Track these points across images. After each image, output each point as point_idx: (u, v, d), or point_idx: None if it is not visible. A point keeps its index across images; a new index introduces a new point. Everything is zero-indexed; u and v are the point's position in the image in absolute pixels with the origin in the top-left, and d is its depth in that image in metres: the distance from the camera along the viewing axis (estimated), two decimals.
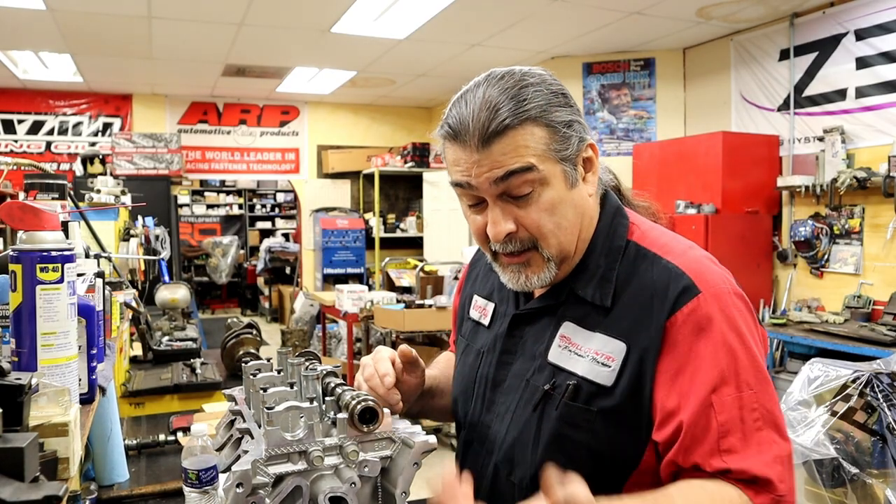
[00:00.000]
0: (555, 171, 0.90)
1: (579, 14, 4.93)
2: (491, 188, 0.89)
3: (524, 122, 0.87)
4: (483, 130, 0.86)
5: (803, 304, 4.68)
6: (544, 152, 0.88)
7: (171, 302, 3.42)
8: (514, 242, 0.92)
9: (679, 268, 0.89)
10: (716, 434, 0.83)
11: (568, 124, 0.90)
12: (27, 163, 2.15)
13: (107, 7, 4.79)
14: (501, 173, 0.87)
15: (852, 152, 4.45)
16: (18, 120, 7.69)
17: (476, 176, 0.88)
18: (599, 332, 0.91)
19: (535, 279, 0.94)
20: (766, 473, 0.81)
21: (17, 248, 0.87)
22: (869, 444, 2.15)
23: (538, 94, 0.88)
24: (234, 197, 11.52)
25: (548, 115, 0.88)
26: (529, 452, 0.93)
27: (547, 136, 0.88)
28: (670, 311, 0.86)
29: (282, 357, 1.00)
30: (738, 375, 0.84)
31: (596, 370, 0.89)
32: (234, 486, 0.77)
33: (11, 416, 0.70)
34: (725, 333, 0.85)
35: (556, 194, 0.90)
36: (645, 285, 0.90)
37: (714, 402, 0.83)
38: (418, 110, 9.21)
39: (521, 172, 0.87)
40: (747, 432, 0.83)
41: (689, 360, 0.85)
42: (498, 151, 0.87)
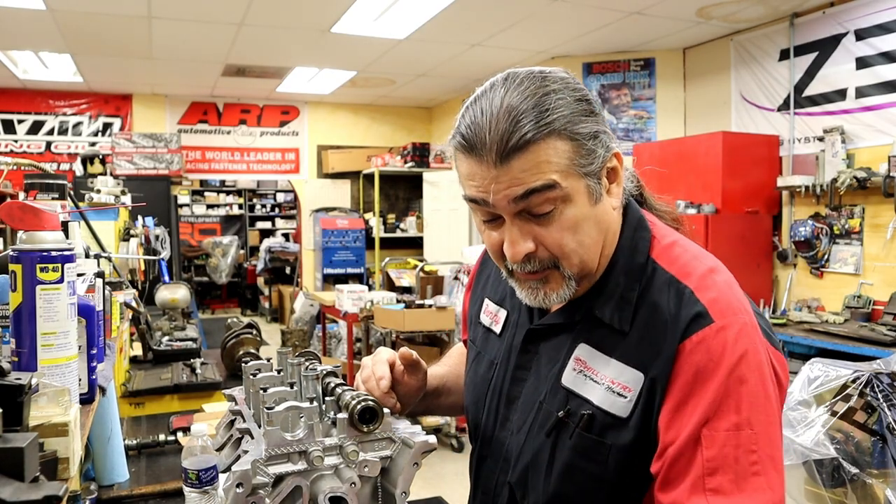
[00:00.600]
0: (578, 187, 0.83)
1: (579, 14, 4.93)
2: (509, 206, 0.83)
3: (547, 135, 0.80)
4: (502, 145, 0.79)
5: (803, 304, 4.68)
6: (567, 168, 0.82)
7: (171, 302, 3.42)
8: (532, 262, 0.86)
9: (694, 294, 0.84)
10: (700, 470, 0.77)
11: (593, 136, 0.84)
12: (27, 163, 2.15)
13: (107, 7, 4.79)
14: (521, 191, 0.80)
15: (852, 152, 4.45)
16: (18, 120, 7.70)
17: (493, 193, 0.82)
18: (615, 359, 0.86)
19: (554, 296, 0.89)
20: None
21: (17, 248, 0.87)
22: (869, 444, 2.15)
23: (562, 103, 0.81)
24: (234, 197, 11.52)
25: (572, 126, 0.81)
26: (542, 480, 0.90)
27: (571, 150, 0.82)
28: (680, 338, 0.81)
29: (282, 357, 1.00)
30: (738, 412, 0.78)
31: (611, 400, 0.85)
32: (234, 486, 0.77)
33: (11, 416, 0.70)
34: (733, 368, 0.79)
35: (580, 212, 0.84)
36: (660, 311, 0.85)
37: (703, 437, 0.78)
38: (418, 110, 9.21)
39: (542, 191, 0.81)
40: (741, 475, 0.76)
41: (691, 393, 0.80)
42: (518, 168, 0.80)
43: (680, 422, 0.80)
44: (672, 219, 1.02)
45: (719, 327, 0.80)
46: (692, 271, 0.87)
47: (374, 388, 0.97)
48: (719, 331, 0.80)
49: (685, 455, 0.78)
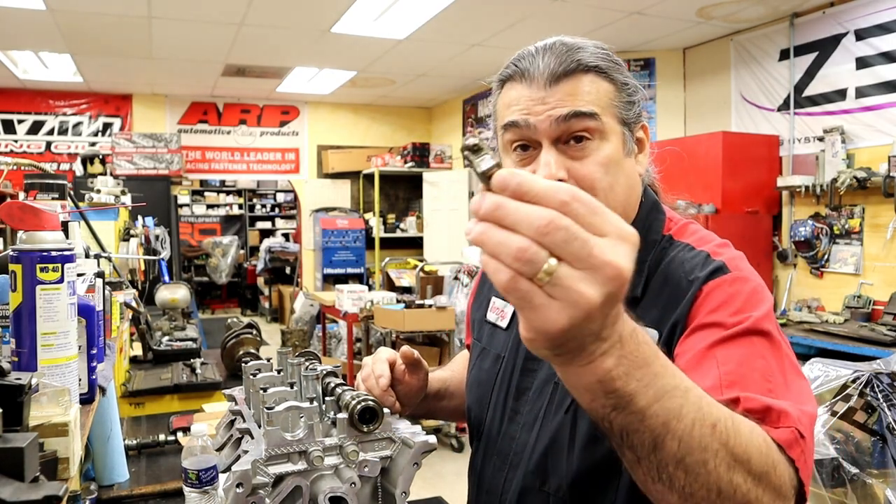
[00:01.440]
0: (615, 128, 0.86)
1: (579, 14, 4.93)
2: (550, 128, 0.84)
3: (593, 69, 0.85)
4: (554, 67, 0.84)
5: (803, 304, 4.68)
6: (608, 105, 0.86)
7: (171, 302, 3.42)
8: None
9: (712, 255, 0.85)
10: (717, 382, 0.71)
11: (632, 90, 0.89)
12: (27, 163, 2.15)
13: (107, 7, 4.79)
14: (566, 111, 0.83)
15: (852, 152, 4.45)
16: (18, 120, 7.70)
17: (537, 114, 0.84)
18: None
19: None
20: (783, 407, 0.67)
21: (17, 248, 0.87)
22: (869, 444, 2.15)
23: (604, 54, 0.88)
24: (234, 197, 11.51)
25: (616, 74, 0.87)
26: (565, 458, 0.87)
27: (612, 91, 0.87)
28: (701, 283, 0.82)
29: (282, 357, 1.00)
30: (755, 330, 0.75)
31: None
32: (234, 486, 0.77)
33: (11, 416, 0.70)
34: (749, 303, 0.78)
35: (614, 153, 0.86)
36: (674, 270, 0.86)
37: (718, 353, 0.74)
38: (418, 110, 9.21)
39: (584, 117, 0.83)
40: (761, 382, 0.71)
41: (710, 320, 0.78)
42: (564, 91, 0.84)
43: (696, 342, 0.77)
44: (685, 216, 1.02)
45: (736, 276, 0.82)
46: (708, 242, 0.89)
47: (373, 387, 0.96)
48: (737, 279, 0.82)
49: (700, 367, 0.74)
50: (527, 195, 0.47)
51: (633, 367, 0.53)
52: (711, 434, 0.56)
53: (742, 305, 0.78)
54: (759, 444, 0.60)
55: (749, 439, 0.59)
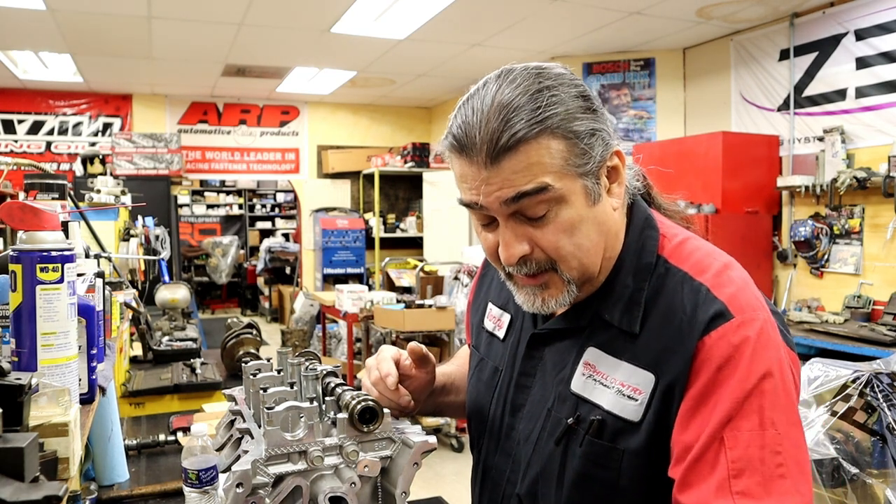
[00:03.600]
0: (574, 187, 0.80)
1: (579, 14, 4.93)
2: (501, 208, 0.79)
3: (539, 134, 0.76)
4: (492, 145, 0.76)
5: (803, 304, 4.68)
6: (562, 168, 0.78)
7: (171, 302, 3.42)
8: (529, 265, 0.83)
9: (711, 290, 0.80)
10: (725, 471, 0.73)
11: (591, 133, 0.80)
12: (27, 163, 2.15)
13: (107, 7, 4.79)
14: (512, 194, 0.77)
15: (852, 152, 4.45)
16: (18, 120, 7.70)
17: (485, 196, 0.79)
18: (626, 361, 0.83)
19: (553, 302, 0.85)
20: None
21: (17, 248, 0.87)
22: (869, 444, 2.15)
23: (556, 100, 0.77)
24: (234, 197, 11.49)
25: (567, 124, 0.77)
26: (553, 490, 0.87)
27: (565, 149, 0.78)
28: (699, 336, 0.77)
29: (282, 357, 1.00)
30: (762, 411, 0.74)
31: (622, 404, 0.82)
32: (234, 486, 0.77)
33: (11, 416, 0.70)
34: (757, 365, 0.75)
35: (576, 213, 0.80)
36: (674, 309, 0.81)
37: (726, 437, 0.74)
38: (418, 110, 9.21)
39: (534, 194, 0.77)
40: (767, 477, 0.72)
41: (712, 392, 0.76)
42: (509, 169, 0.77)
43: (701, 420, 0.76)
44: (682, 218, 0.99)
45: (740, 323, 0.77)
46: (706, 268, 0.83)
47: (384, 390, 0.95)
48: (740, 326, 0.76)
49: (708, 455, 0.74)
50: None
51: None
52: None
53: (744, 373, 0.75)
54: None
55: None
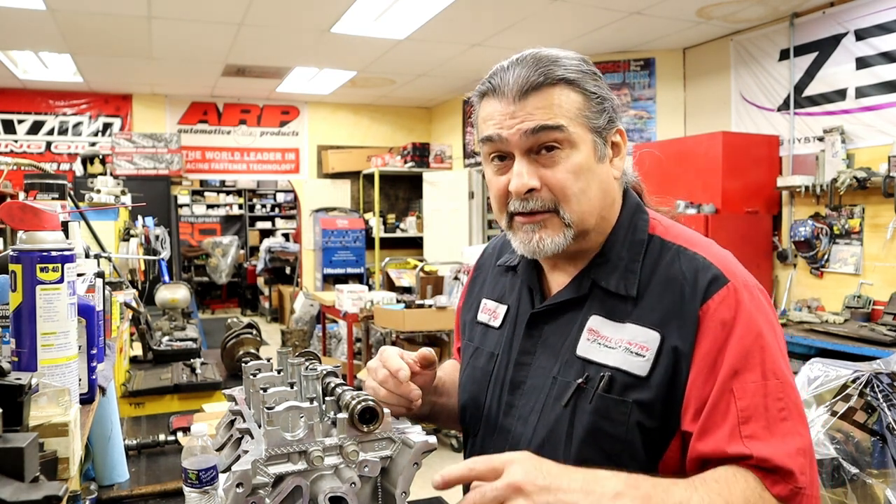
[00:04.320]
0: (585, 137, 0.91)
1: (579, 14, 4.93)
2: (521, 140, 0.90)
3: (560, 82, 0.89)
4: (522, 83, 0.89)
5: (803, 304, 4.68)
6: (577, 116, 0.90)
7: (171, 302, 3.42)
8: (535, 201, 0.91)
9: (706, 258, 0.90)
10: (735, 419, 0.82)
11: (602, 98, 0.93)
12: (27, 163, 2.15)
13: (107, 7, 4.79)
14: (533, 125, 0.89)
15: (852, 152, 4.45)
16: (18, 120, 7.70)
17: (508, 127, 0.90)
18: (630, 323, 0.90)
19: (549, 241, 0.92)
20: (788, 464, 0.80)
21: (17, 248, 0.87)
22: (869, 444, 2.15)
23: (574, 64, 0.92)
24: (234, 197, 11.50)
25: (583, 82, 0.91)
26: (562, 451, 0.91)
27: (581, 101, 0.91)
28: (702, 299, 0.87)
29: (282, 357, 1.00)
30: (763, 364, 0.84)
31: (630, 360, 0.88)
32: (234, 486, 0.77)
33: (11, 416, 0.70)
34: (753, 323, 0.85)
35: (584, 160, 0.91)
36: (673, 275, 0.90)
37: (735, 388, 0.83)
38: (418, 110, 9.21)
39: (552, 130, 0.89)
40: (771, 421, 0.82)
41: (718, 351, 0.85)
42: (533, 105, 0.89)
43: (712, 377, 0.84)
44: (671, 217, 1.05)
45: (735, 287, 0.87)
46: (697, 242, 0.94)
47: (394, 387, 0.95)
48: (736, 290, 0.87)
49: (720, 406, 0.83)
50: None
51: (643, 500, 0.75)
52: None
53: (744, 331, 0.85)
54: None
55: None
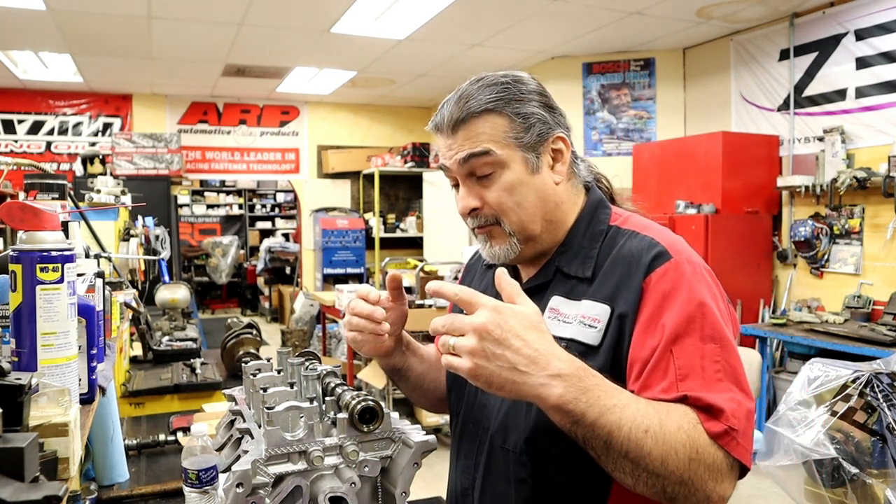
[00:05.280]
0: (514, 156, 1.00)
1: (579, 14, 4.93)
2: (459, 169, 1.02)
3: (483, 112, 0.99)
4: (450, 120, 1.01)
5: (803, 304, 4.68)
6: (503, 139, 0.99)
7: (171, 302, 3.41)
8: (479, 218, 1.03)
9: (655, 239, 0.97)
10: (674, 376, 0.87)
11: (527, 116, 1.00)
12: (27, 163, 2.15)
13: (107, 7, 4.79)
14: (463, 155, 1.00)
15: (852, 152, 4.45)
16: (18, 120, 7.70)
17: (449, 158, 1.02)
18: (585, 300, 0.98)
19: (498, 249, 1.04)
20: (720, 403, 0.84)
21: (17, 248, 0.86)
22: (869, 444, 2.15)
23: (504, 91, 1.00)
24: (234, 197, 11.50)
25: (508, 107, 1.00)
26: (523, 417, 0.98)
27: (506, 124, 1.00)
28: (645, 272, 0.93)
29: (282, 357, 1.00)
30: (702, 330, 0.89)
31: (583, 331, 0.96)
32: (234, 486, 0.77)
33: (11, 416, 0.70)
34: (694, 292, 0.91)
35: (516, 177, 1.00)
36: (623, 255, 0.98)
37: (674, 350, 0.88)
38: (418, 110, 9.21)
39: (479, 156, 0.99)
40: (707, 379, 0.87)
41: (659, 316, 0.90)
42: (462, 137, 1.00)
43: (652, 340, 0.90)
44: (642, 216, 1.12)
45: (678, 262, 0.94)
46: (649, 227, 1.02)
47: (372, 327, 1.03)
48: (679, 264, 0.94)
49: (660, 365, 0.88)
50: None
51: (579, 392, 0.80)
52: (644, 437, 0.80)
53: (685, 299, 0.91)
54: (683, 439, 0.81)
55: (675, 437, 0.81)
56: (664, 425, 0.81)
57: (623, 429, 0.80)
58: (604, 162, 6.07)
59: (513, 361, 0.78)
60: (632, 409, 0.81)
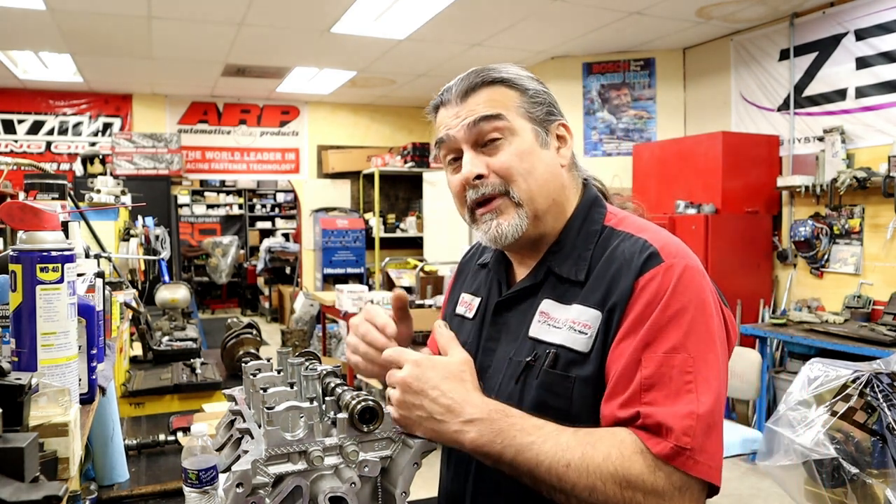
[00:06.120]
0: (524, 126, 0.99)
1: (579, 14, 4.93)
2: (466, 134, 0.99)
3: (495, 82, 1.00)
4: (463, 88, 1.01)
5: (803, 304, 4.68)
6: (514, 107, 0.99)
7: (171, 302, 3.41)
8: (485, 186, 0.99)
9: (647, 241, 0.94)
10: (638, 387, 0.85)
11: (537, 93, 1.02)
12: (27, 163, 2.15)
13: (107, 7, 4.79)
14: (475, 118, 0.98)
15: (852, 152, 4.45)
16: (18, 120, 7.69)
17: (454, 126, 1.00)
18: (576, 304, 0.95)
19: (506, 225, 0.98)
20: (669, 422, 0.81)
21: (17, 248, 0.86)
22: (869, 444, 2.15)
23: (512, 70, 1.03)
24: (234, 197, 11.50)
25: (518, 81, 1.01)
26: None
27: (517, 96, 1.00)
28: (635, 275, 0.90)
29: (282, 357, 1.00)
30: (676, 339, 0.86)
31: (573, 337, 0.94)
32: (234, 486, 0.77)
33: (11, 416, 0.70)
34: (678, 300, 0.87)
35: (527, 145, 0.99)
36: (616, 257, 0.95)
37: (643, 359, 0.86)
38: (418, 110, 9.21)
39: (491, 119, 0.98)
40: (675, 391, 0.83)
41: (639, 321, 0.88)
42: (473, 102, 0.99)
43: (627, 345, 0.88)
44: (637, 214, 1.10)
45: (668, 266, 0.90)
46: (646, 228, 0.99)
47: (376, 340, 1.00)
48: (668, 269, 0.90)
49: (626, 374, 0.86)
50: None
51: (493, 435, 0.84)
52: (566, 471, 0.82)
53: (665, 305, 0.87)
54: (610, 470, 0.81)
55: (600, 468, 0.81)
56: (587, 458, 0.81)
57: (542, 465, 0.82)
58: (604, 162, 6.07)
59: (430, 410, 0.85)
60: (550, 445, 0.82)
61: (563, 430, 0.84)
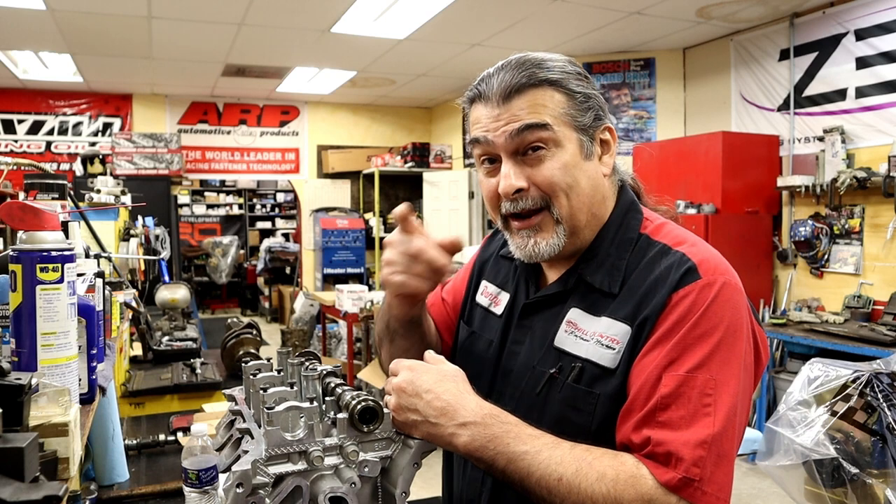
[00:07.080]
0: (570, 136, 0.92)
1: (579, 14, 4.93)
2: (506, 142, 0.91)
3: (543, 83, 0.91)
4: (506, 87, 0.91)
5: (803, 304, 4.68)
6: (561, 115, 0.91)
7: (171, 302, 3.42)
8: (524, 200, 0.92)
9: (686, 255, 0.89)
10: (654, 405, 0.82)
11: (586, 97, 0.93)
12: (27, 163, 2.15)
13: (107, 7, 4.79)
14: (518, 126, 0.90)
15: (852, 152, 4.45)
16: (18, 120, 7.69)
17: (493, 130, 0.92)
18: (605, 317, 0.91)
19: (544, 244, 0.93)
20: (680, 451, 0.78)
21: (17, 248, 0.86)
22: (869, 444, 2.15)
23: (559, 66, 0.93)
24: (234, 197, 11.51)
25: (567, 82, 0.92)
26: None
27: (565, 101, 0.92)
28: (671, 290, 0.86)
29: (282, 357, 1.00)
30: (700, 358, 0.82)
31: (600, 352, 0.90)
32: (234, 486, 0.77)
33: (11, 416, 0.70)
34: (709, 320, 0.84)
35: (571, 158, 0.92)
36: (650, 271, 0.90)
37: (664, 377, 0.82)
38: (418, 110, 9.21)
39: (536, 128, 0.90)
40: (693, 412, 0.80)
41: (667, 338, 0.84)
42: (517, 107, 0.90)
43: (648, 363, 0.85)
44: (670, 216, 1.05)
45: (706, 283, 0.86)
46: (683, 241, 0.93)
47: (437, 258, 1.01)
48: (705, 286, 0.85)
49: (644, 391, 0.83)
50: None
51: (485, 440, 0.82)
52: (557, 485, 0.80)
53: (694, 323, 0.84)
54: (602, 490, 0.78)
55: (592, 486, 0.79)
56: (581, 474, 0.79)
57: (533, 476, 0.81)
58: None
59: (425, 413, 0.84)
60: (544, 456, 0.81)
61: (559, 443, 0.83)
